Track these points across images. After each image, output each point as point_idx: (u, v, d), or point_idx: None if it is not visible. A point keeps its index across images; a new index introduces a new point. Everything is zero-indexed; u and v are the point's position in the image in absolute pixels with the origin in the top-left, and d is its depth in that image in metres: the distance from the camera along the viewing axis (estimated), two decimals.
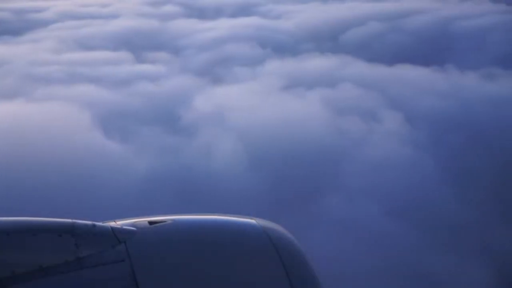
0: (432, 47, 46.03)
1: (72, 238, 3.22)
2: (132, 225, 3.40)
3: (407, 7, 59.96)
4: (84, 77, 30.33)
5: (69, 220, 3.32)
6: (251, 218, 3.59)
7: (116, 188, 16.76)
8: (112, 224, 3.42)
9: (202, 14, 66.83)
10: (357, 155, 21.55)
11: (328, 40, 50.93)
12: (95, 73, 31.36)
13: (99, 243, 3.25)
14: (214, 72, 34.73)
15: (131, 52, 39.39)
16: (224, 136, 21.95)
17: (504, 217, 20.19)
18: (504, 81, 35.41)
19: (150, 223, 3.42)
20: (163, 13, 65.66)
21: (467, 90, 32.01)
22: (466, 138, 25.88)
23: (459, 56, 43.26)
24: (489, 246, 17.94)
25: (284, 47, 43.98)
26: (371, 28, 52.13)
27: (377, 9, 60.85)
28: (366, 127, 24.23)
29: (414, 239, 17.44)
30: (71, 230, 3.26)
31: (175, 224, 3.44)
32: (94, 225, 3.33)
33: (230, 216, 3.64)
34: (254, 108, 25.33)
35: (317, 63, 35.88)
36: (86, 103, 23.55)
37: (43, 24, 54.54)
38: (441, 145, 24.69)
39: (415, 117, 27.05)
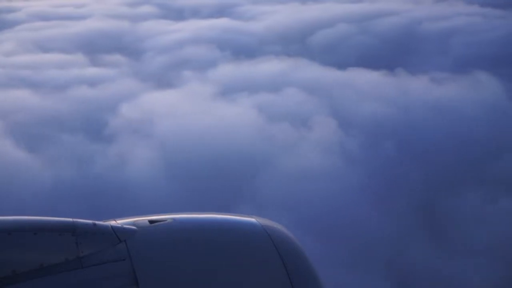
0: (393, 50, 45.75)
1: (72, 237, 3.22)
2: (133, 224, 3.41)
3: (380, 8, 59.71)
4: (24, 81, 30.06)
5: (70, 219, 3.33)
6: (251, 217, 3.61)
7: (7, 197, 16.45)
8: (113, 223, 3.43)
9: (178, 15, 66.49)
10: (277, 164, 21.26)
11: (294, 42, 50.71)
12: (38, 77, 31.07)
13: (100, 242, 3.25)
14: (163, 76, 34.47)
15: (87, 55, 39.10)
16: (144, 144, 21.68)
17: (421, 230, 19.95)
18: (454, 85, 35.18)
19: (151, 222, 3.43)
20: (138, 14, 65.37)
21: (413, 95, 31.75)
22: (399, 145, 25.62)
23: (417, 59, 43.03)
24: (395, 260, 17.68)
25: (245, 50, 43.63)
26: (339, 30, 51.84)
27: (350, 10, 60.51)
28: (295, 134, 23.94)
29: (318, 252, 17.16)
30: (72, 229, 3.26)
31: (176, 223, 3.44)
32: (94, 224, 3.34)
33: (231, 215, 3.66)
34: (186, 114, 25.07)
35: (269, 67, 35.57)
36: (10, 109, 23.23)
37: (11, 24, 54.24)
38: (371, 153, 24.41)
39: (351, 124, 26.78)
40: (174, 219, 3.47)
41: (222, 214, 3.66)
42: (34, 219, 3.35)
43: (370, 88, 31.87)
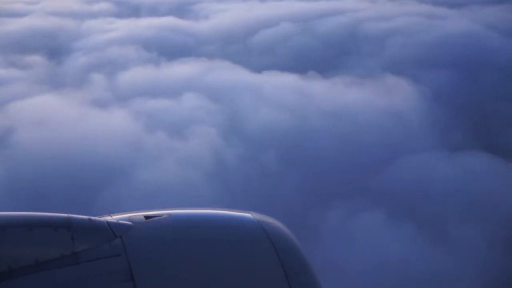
0: (328, 52, 45.11)
1: (68, 233, 3.19)
2: (128, 219, 3.39)
3: (331, 6, 58.88)
4: None
5: (65, 215, 3.30)
6: (248, 212, 3.59)
7: None
8: (108, 218, 3.40)
9: (134, 12, 65.84)
10: (131, 176, 20.62)
11: (233, 42, 50.02)
12: None
13: (95, 237, 3.23)
14: (70, 78, 33.78)
15: (2, 55, 38.32)
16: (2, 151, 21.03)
17: None
18: (367, 89, 34.57)
19: (146, 217, 3.41)
20: (91, 11, 64.61)
21: (317, 100, 31.10)
22: (282, 155, 25.00)
23: (347, 61, 42.43)
24: None
25: (174, 51, 42.92)
26: (281, 30, 51.16)
27: (300, 8, 59.79)
28: (165, 145, 23.29)
29: None
30: (67, 225, 3.23)
31: (171, 218, 3.43)
32: (90, 220, 3.31)
33: (227, 210, 3.65)
34: (59, 120, 24.37)
35: (183, 70, 34.88)
36: None
37: None
38: (245, 164, 23.77)
39: (240, 132, 26.17)
40: (170, 214, 3.45)
41: (218, 210, 3.66)
42: (29, 214, 3.31)
43: (276, 93, 31.21)
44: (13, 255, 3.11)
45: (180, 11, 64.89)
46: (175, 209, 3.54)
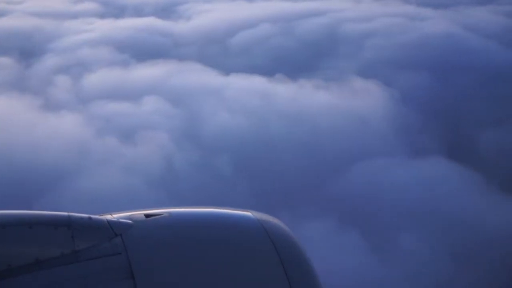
0: (304, 53, 44.70)
1: (68, 231, 3.19)
2: (129, 218, 3.38)
3: (314, 7, 58.37)
4: None
5: (65, 213, 3.29)
6: (247, 211, 3.59)
7: None
8: (108, 217, 3.40)
9: (119, 12, 65.44)
10: (74, 181, 20.22)
11: (211, 43, 49.64)
12: None
13: (95, 236, 3.22)
14: (34, 81, 33.38)
15: None
16: None
17: None
18: (337, 91, 34.16)
19: (147, 216, 3.41)
20: (74, 11, 64.21)
21: (281, 103, 30.68)
22: (234, 160, 24.57)
23: (321, 63, 41.99)
24: None
25: (149, 52, 42.48)
26: (260, 31, 50.75)
27: (282, 9, 59.28)
28: (115, 150, 22.88)
29: None
30: (67, 223, 3.23)
31: (172, 217, 3.42)
32: (90, 218, 3.31)
33: (227, 209, 3.64)
34: (13, 124, 24.01)
35: (148, 72, 34.48)
36: None
37: None
38: (197, 169, 23.35)
39: (195, 137, 25.75)
40: (170, 213, 3.45)
41: (218, 208, 3.64)
42: (29, 213, 3.31)
43: (239, 96, 30.79)
44: (13, 254, 3.11)
45: (165, 12, 64.54)
46: (175, 208, 3.54)
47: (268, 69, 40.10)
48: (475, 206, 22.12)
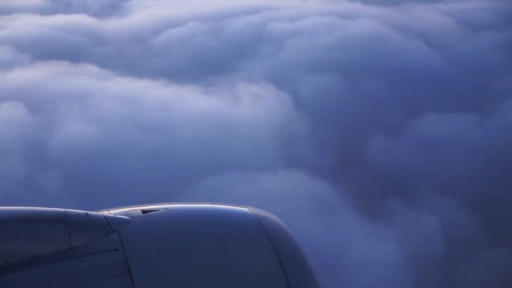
0: (218, 54, 43.16)
1: (65, 227, 3.21)
2: (126, 214, 3.41)
3: (251, 4, 56.61)
4: None
5: (62, 209, 3.35)
6: (245, 207, 3.62)
7: None
8: (105, 213, 3.42)
9: (66, 8, 63.93)
10: None
11: (135, 43, 48.14)
12: None
13: (92, 232, 3.25)
14: None
15: None
16: None
17: None
18: (225, 96, 32.63)
19: (144, 211, 3.42)
20: (10, 6, 62.61)
21: (155, 109, 29.09)
22: (76, 171, 23.06)
23: (231, 64, 40.48)
24: None
25: (54, 52, 40.87)
26: (185, 30, 49.18)
27: (222, 5, 57.52)
28: None
29: None
30: (64, 219, 3.25)
31: (169, 213, 3.45)
32: (87, 214, 3.34)
33: (224, 205, 3.68)
34: None
35: (26, 75, 32.89)
36: None
37: None
38: (23, 185, 21.81)
39: (33, 147, 24.20)
40: (167, 209, 3.47)
41: (215, 204, 3.67)
42: (26, 209, 3.34)
43: (109, 102, 29.19)
44: (10, 250, 3.10)
45: (112, 8, 62.98)
46: (172, 204, 3.54)
47: (176, 71, 38.73)
48: (309, 226, 20.55)
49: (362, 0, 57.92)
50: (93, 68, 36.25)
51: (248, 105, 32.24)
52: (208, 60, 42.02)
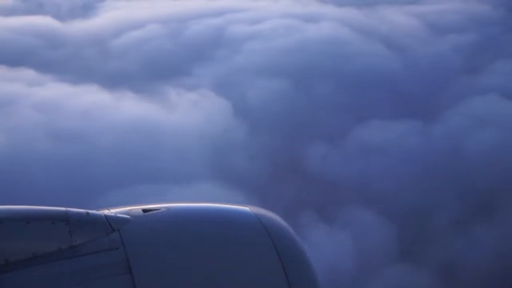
0: (171, 59, 42.00)
1: (65, 226, 3.19)
2: (126, 213, 3.38)
3: (217, 6, 55.46)
4: None
5: (63, 208, 3.31)
6: (245, 206, 3.61)
7: None
8: (106, 212, 3.39)
9: (37, 8, 63.01)
10: None
11: (93, 45, 47.06)
12: None
13: (93, 231, 3.22)
14: None
15: None
16: None
17: None
18: (158, 103, 31.47)
19: (144, 211, 3.41)
20: None
21: (79, 117, 27.96)
22: None
23: (183, 68, 39.32)
24: None
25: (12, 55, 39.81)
26: (145, 32, 48.09)
27: (188, 8, 56.40)
28: None
29: None
30: (65, 218, 3.23)
31: (169, 212, 3.43)
32: (87, 213, 3.31)
33: (224, 204, 3.66)
34: None
35: None
36: None
37: None
38: None
39: None
40: (167, 208, 3.45)
41: (215, 203, 3.64)
42: (27, 208, 3.31)
43: (32, 109, 28.10)
44: (11, 248, 3.09)
45: (84, 9, 61.96)
46: (173, 203, 3.53)
47: (121, 76, 37.73)
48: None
49: (337, 2, 56.57)
50: (29, 73, 35.13)
51: (183, 112, 31.11)
52: (160, 65, 40.90)
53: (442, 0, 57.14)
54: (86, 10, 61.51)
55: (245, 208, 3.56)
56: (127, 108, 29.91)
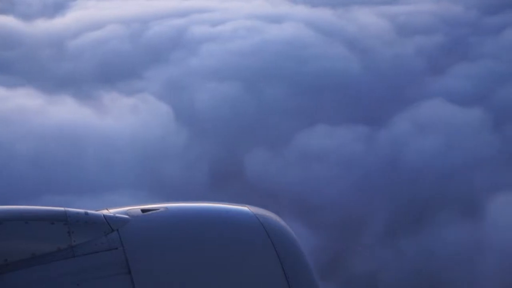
0: (124, 61, 40.68)
1: (64, 226, 3.18)
2: (125, 213, 3.37)
3: (187, 6, 54.06)
4: None
5: (62, 208, 3.29)
6: (244, 206, 3.58)
7: None
8: (105, 212, 3.39)
9: (9, 8, 61.76)
10: None
11: (48, 46, 45.81)
12: None
13: (92, 231, 3.21)
14: None
15: None
16: None
17: None
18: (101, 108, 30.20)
19: (143, 211, 3.40)
20: None
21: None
22: None
23: (134, 71, 38.02)
24: None
25: None
26: (104, 32, 46.77)
27: (155, 7, 55.01)
28: None
29: None
30: (64, 218, 3.22)
31: (168, 212, 3.41)
32: (86, 213, 3.30)
33: (223, 204, 3.64)
34: None
35: None
36: None
37: None
38: None
39: None
40: (166, 208, 3.43)
41: (214, 203, 3.63)
42: (26, 208, 3.32)
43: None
44: (10, 249, 3.07)
45: (55, 8, 60.54)
46: (172, 203, 3.50)
47: (66, 78, 36.52)
48: None
49: (311, 2, 55.11)
50: None
51: (118, 118, 29.75)
52: (112, 67, 39.53)
53: (417, 1, 55.79)
54: (57, 9, 60.18)
55: (244, 208, 3.54)
56: (57, 113, 28.56)
